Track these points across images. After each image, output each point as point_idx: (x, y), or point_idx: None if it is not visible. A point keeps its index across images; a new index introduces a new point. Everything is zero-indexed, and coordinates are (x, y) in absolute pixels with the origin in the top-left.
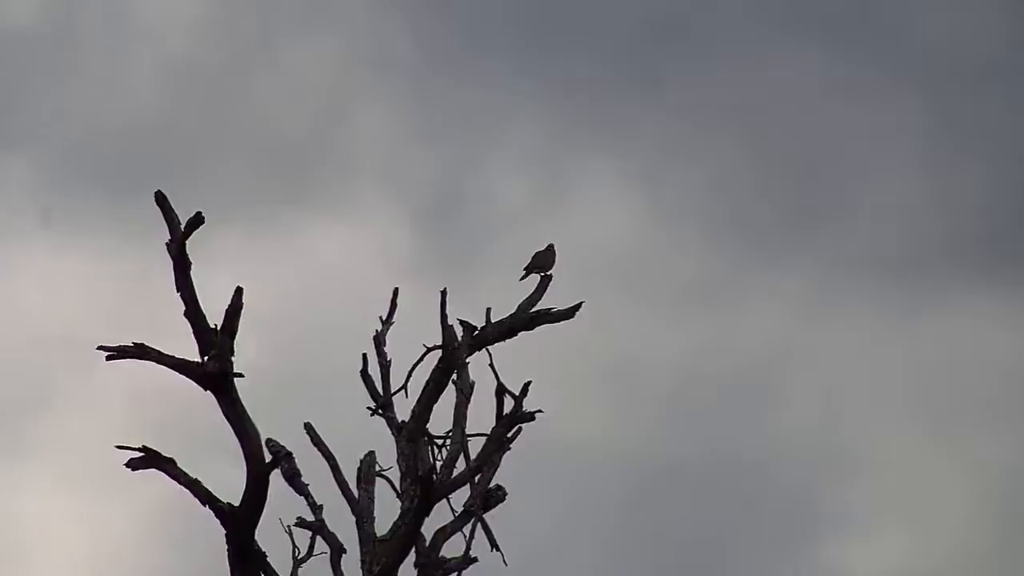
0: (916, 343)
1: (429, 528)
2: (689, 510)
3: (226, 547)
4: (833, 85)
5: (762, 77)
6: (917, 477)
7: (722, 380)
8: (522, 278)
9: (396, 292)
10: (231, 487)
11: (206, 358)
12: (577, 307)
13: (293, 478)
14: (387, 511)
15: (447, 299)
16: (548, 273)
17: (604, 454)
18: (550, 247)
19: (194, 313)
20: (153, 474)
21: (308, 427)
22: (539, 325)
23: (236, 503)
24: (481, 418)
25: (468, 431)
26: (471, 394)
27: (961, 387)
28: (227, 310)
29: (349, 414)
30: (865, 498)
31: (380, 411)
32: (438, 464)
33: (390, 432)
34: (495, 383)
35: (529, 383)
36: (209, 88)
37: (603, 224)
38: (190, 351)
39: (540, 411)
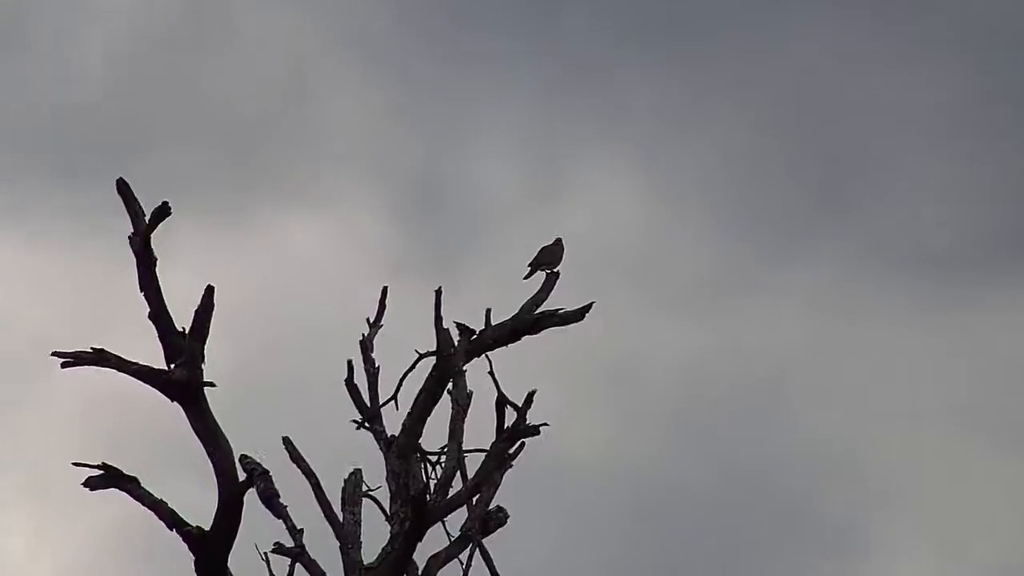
0: (954, 345)
1: (422, 554)
2: (702, 532)
3: None
4: (862, 54)
5: (781, 47)
6: (952, 496)
7: (736, 387)
8: (527, 276)
9: (385, 292)
10: (201, 509)
11: (173, 365)
12: (587, 308)
13: (270, 499)
14: (375, 535)
15: (442, 299)
16: (555, 270)
17: (609, 470)
18: (558, 241)
19: (160, 315)
20: (114, 493)
21: (287, 442)
22: (545, 328)
23: (206, 527)
24: (480, 432)
25: (465, 446)
26: (468, 405)
27: (1006, 395)
28: (196, 311)
29: (333, 427)
30: (895, 519)
31: (367, 424)
32: (432, 483)
33: (378, 448)
34: (495, 393)
35: (533, 393)
36: (166, 66)
37: (604, 212)
38: (155, 357)
39: (545, 424)
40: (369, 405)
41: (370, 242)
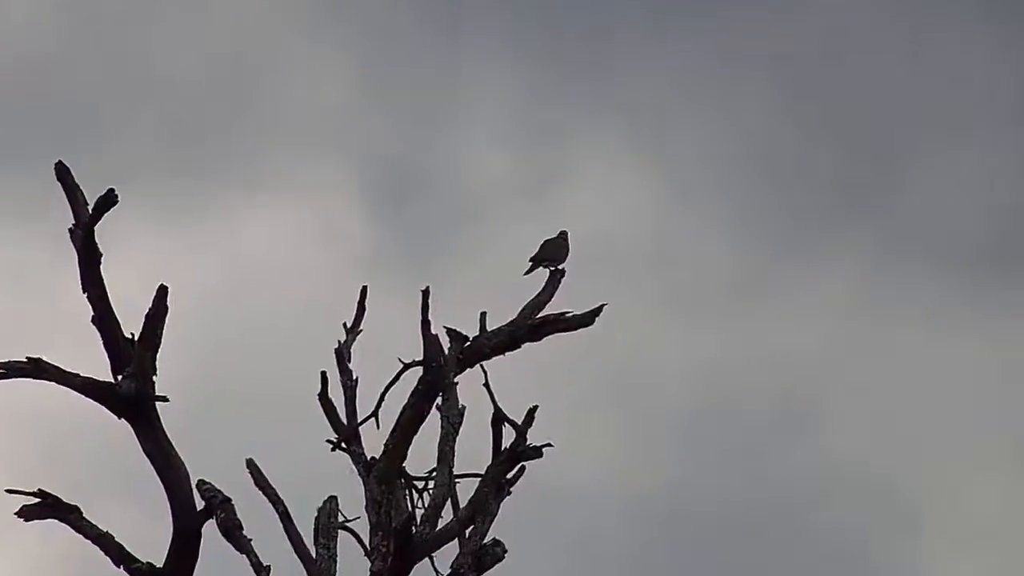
0: (995, 351)
1: None
2: (719, 564)
3: None
4: (896, 25)
5: (807, 17)
6: (997, 523)
7: (756, 400)
8: (527, 272)
9: (364, 293)
10: (152, 542)
11: (120, 377)
12: (598, 311)
13: (232, 531)
14: (352, 573)
15: (429, 300)
16: (560, 267)
17: (616, 496)
18: (562, 235)
19: (105, 319)
20: (52, 525)
21: (251, 465)
22: (549, 334)
23: (158, 563)
24: (473, 454)
25: (457, 470)
26: (460, 423)
27: None
28: (147, 315)
29: (304, 448)
30: (932, 548)
31: (344, 445)
32: (418, 513)
33: (356, 472)
34: (491, 409)
35: (534, 409)
36: (108, 39)
37: (607, 202)
38: (100, 368)
39: (548, 445)
40: (346, 423)
41: (340, 236)
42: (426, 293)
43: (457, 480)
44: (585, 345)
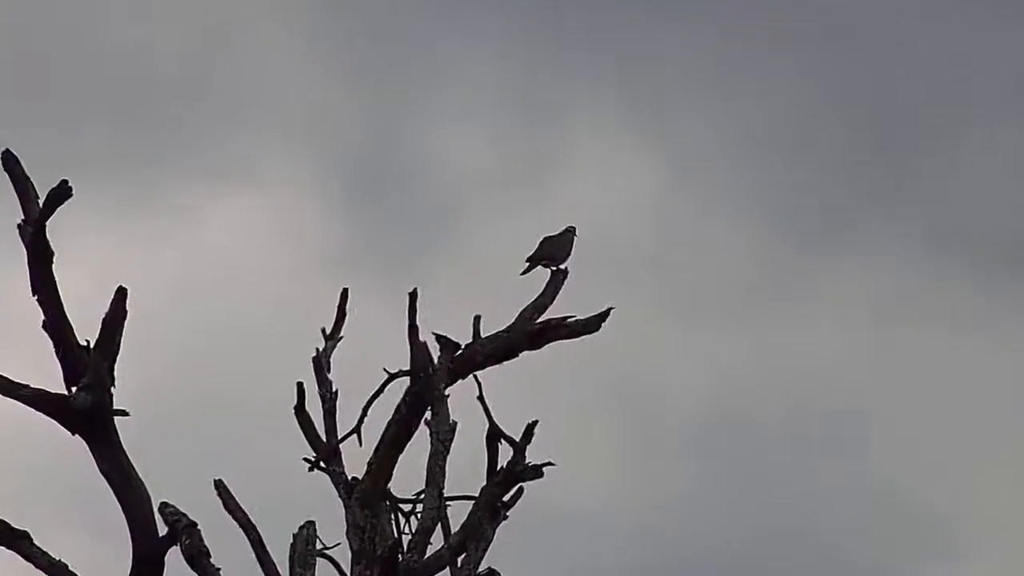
0: None
1: None
2: None
3: None
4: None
5: None
6: None
7: (776, 414)
8: (524, 272)
9: (345, 296)
10: (109, 572)
11: (75, 389)
12: (604, 315)
13: (198, 559)
14: None
15: (417, 304)
16: (562, 267)
17: (622, 521)
18: (568, 231)
19: (58, 324)
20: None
21: (220, 487)
22: (550, 341)
23: None
24: (466, 474)
25: (448, 492)
26: (452, 440)
27: None
28: (104, 320)
29: (278, 468)
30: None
31: (323, 464)
32: (405, 539)
33: (337, 494)
34: (486, 424)
35: (534, 425)
36: (58, 12)
37: (607, 194)
38: (51, 378)
39: (550, 464)
40: (325, 439)
41: (312, 231)
42: (413, 296)
43: (448, 503)
44: (584, 352)
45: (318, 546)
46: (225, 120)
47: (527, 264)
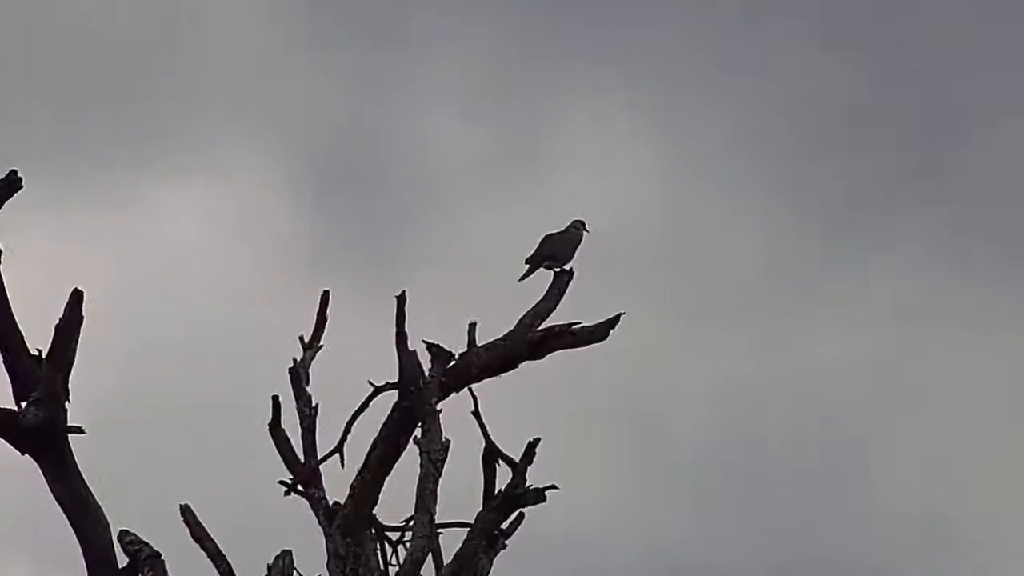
0: None
1: None
2: None
3: None
4: None
5: None
6: None
7: (792, 429)
8: (524, 276)
9: (326, 299)
10: None
11: (25, 404)
12: (613, 322)
13: None
14: None
15: (405, 308)
16: (567, 267)
17: (626, 545)
18: (574, 227)
19: (6, 333)
20: None
21: (186, 512)
22: (553, 350)
23: None
24: (460, 498)
25: (440, 518)
26: (444, 460)
27: None
28: (57, 327)
29: (251, 492)
30: None
31: (300, 487)
32: (392, 571)
33: (316, 520)
34: (482, 442)
35: (536, 444)
36: None
37: (606, 186)
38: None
39: (553, 487)
40: (303, 460)
41: (279, 227)
42: (401, 300)
43: (440, 531)
44: (584, 360)
45: None
46: (184, 106)
47: (527, 266)
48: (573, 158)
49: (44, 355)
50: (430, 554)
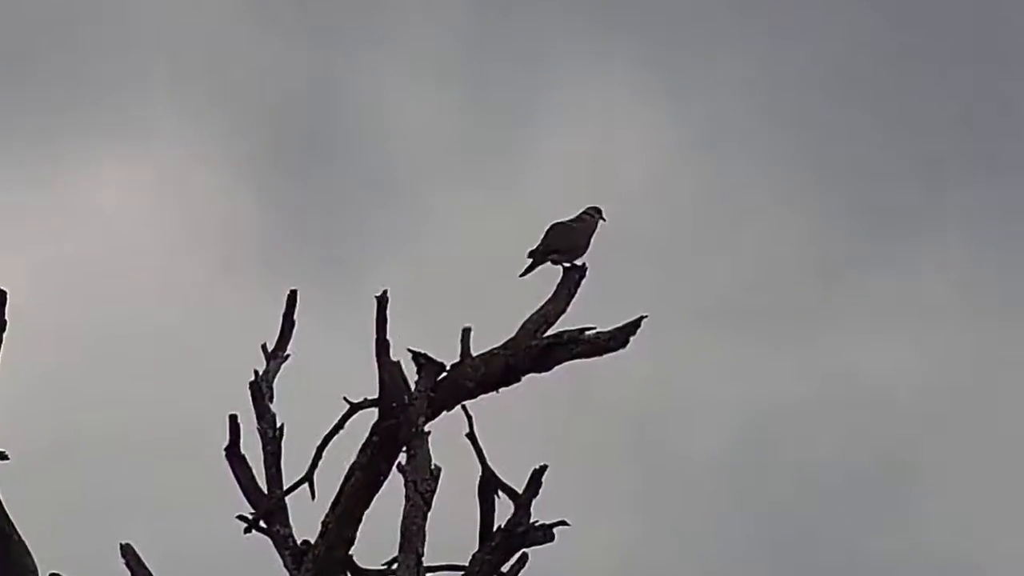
0: None
1: None
2: None
3: None
4: None
5: None
6: None
7: (827, 451)
8: (525, 271)
9: (293, 299)
10: None
11: None
12: (633, 327)
13: None
14: None
15: (387, 307)
16: (579, 263)
17: None
18: (588, 213)
19: None
20: None
21: (127, 552)
22: (563, 361)
23: None
24: (452, 534)
25: (428, 560)
26: (434, 491)
27: None
28: None
29: (204, 528)
30: None
31: (263, 523)
32: None
33: (282, 562)
34: (479, 469)
35: (542, 472)
36: None
37: (602, 164)
38: None
39: (563, 523)
40: (266, 490)
41: (219, 210)
42: (383, 301)
43: (429, 573)
44: (587, 370)
45: None
46: (110, 68)
47: (530, 260)
48: (569, 129)
49: None
50: None
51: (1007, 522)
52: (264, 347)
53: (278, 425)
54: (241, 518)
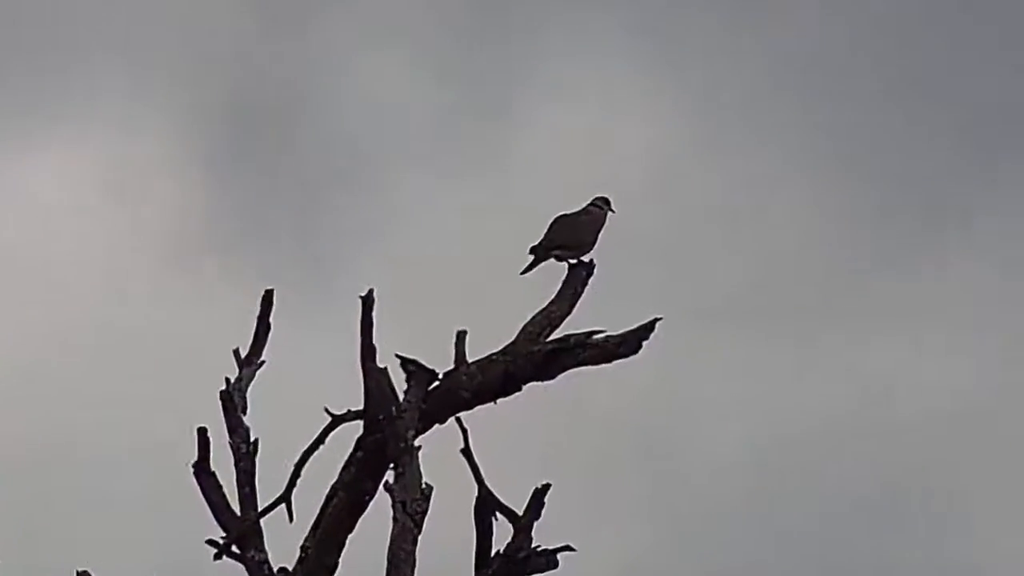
0: None
1: None
2: None
3: None
4: None
5: None
6: None
7: (851, 474)
8: (527, 269)
9: (269, 301)
10: None
11: None
12: (647, 330)
13: None
14: None
15: (373, 309)
16: (586, 259)
17: None
18: (595, 204)
19: None
20: None
21: None
22: (567, 368)
23: None
24: (447, 561)
25: None
26: (425, 512)
27: None
28: None
29: (170, 553)
30: None
31: (236, 548)
32: None
33: None
34: (475, 488)
35: (544, 492)
36: None
37: (599, 145)
38: None
39: (568, 548)
40: (240, 512)
41: (173, 200)
42: (368, 302)
43: None
44: (587, 376)
45: None
46: (40, 43)
47: (532, 257)
48: (558, 109)
49: None
50: None
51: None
52: (236, 352)
53: (252, 439)
54: (211, 543)
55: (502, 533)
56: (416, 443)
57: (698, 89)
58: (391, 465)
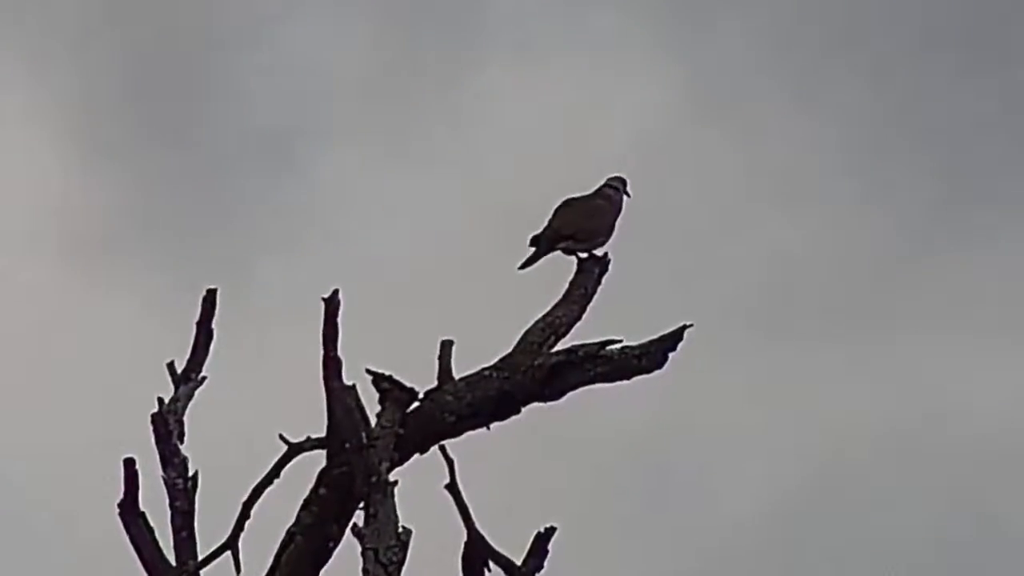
0: None
1: None
2: None
3: None
4: None
5: None
6: None
7: (902, 508)
8: (527, 264)
9: (212, 301)
10: None
11: None
12: (674, 340)
13: None
14: None
15: (338, 314)
16: (600, 252)
17: None
18: (610, 186)
19: None
20: None
21: None
22: (580, 385)
23: None
24: None
25: None
26: (403, 560)
27: None
28: None
29: None
30: None
31: None
32: None
33: None
34: (463, 531)
35: (548, 536)
36: None
37: (589, 113)
38: None
39: None
40: (175, 561)
41: (52, 188)
42: (332, 305)
43: None
44: (603, 399)
45: None
46: None
47: (532, 250)
48: (553, 81)
49: None
50: None
51: None
52: (171, 366)
53: (190, 473)
54: None
55: None
56: (391, 477)
57: (710, 50)
58: (360, 504)
